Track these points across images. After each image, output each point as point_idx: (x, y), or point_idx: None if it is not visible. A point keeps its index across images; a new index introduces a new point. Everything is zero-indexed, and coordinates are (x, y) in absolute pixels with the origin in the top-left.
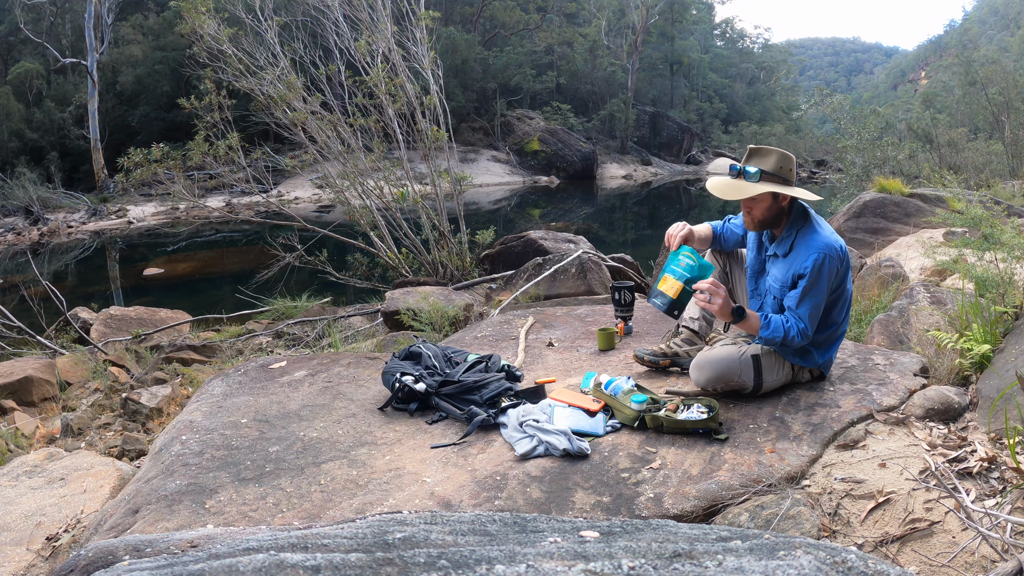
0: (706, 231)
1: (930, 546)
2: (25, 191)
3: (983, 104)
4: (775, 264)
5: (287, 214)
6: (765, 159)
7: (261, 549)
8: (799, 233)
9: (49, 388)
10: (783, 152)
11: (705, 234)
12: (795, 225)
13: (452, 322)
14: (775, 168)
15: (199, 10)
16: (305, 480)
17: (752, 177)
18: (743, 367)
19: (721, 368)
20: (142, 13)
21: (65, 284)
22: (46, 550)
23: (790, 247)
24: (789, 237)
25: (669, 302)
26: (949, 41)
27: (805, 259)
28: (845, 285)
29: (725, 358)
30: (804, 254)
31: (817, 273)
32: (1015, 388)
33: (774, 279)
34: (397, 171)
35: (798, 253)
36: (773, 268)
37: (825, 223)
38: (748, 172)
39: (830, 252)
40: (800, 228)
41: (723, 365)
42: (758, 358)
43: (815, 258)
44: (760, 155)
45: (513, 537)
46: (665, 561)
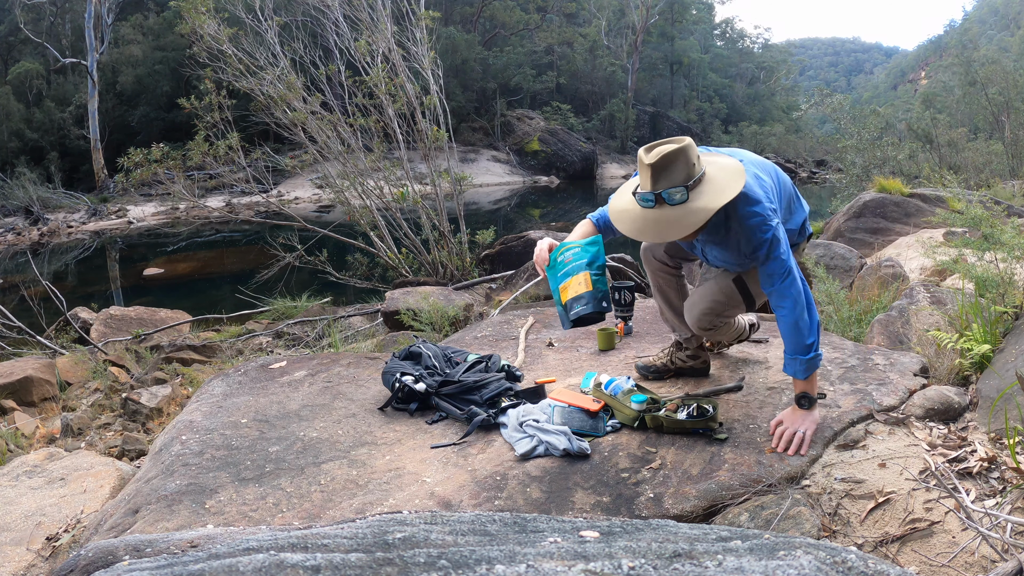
0: (581, 236)
1: (930, 546)
2: (25, 191)
3: (983, 104)
4: (710, 247)
5: (287, 214)
6: (675, 166)
7: (261, 549)
8: (728, 214)
9: (49, 388)
10: (681, 144)
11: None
12: (720, 209)
13: (452, 322)
14: (690, 170)
15: (199, 10)
16: (305, 480)
17: (677, 198)
18: (729, 291)
19: (709, 299)
20: (142, 13)
21: (65, 284)
22: (46, 550)
23: (724, 230)
24: (718, 224)
25: (590, 296)
26: (949, 41)
27: (752, 235)
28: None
29: (710, 290)
30: (748, 232)
31: (771, 242)
32: (1015, 388)
33: (716, 257)
34: (397, 171)
35: (737, 232)
36: (710, 249)
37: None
38: (668, 196)
39: (767, 226)
40: (727, 208)
41: (710, 295)
42: (740, 278)
43: (759, 237)
44: (665, 166)
45: (513, 537)
46: (665, 561)
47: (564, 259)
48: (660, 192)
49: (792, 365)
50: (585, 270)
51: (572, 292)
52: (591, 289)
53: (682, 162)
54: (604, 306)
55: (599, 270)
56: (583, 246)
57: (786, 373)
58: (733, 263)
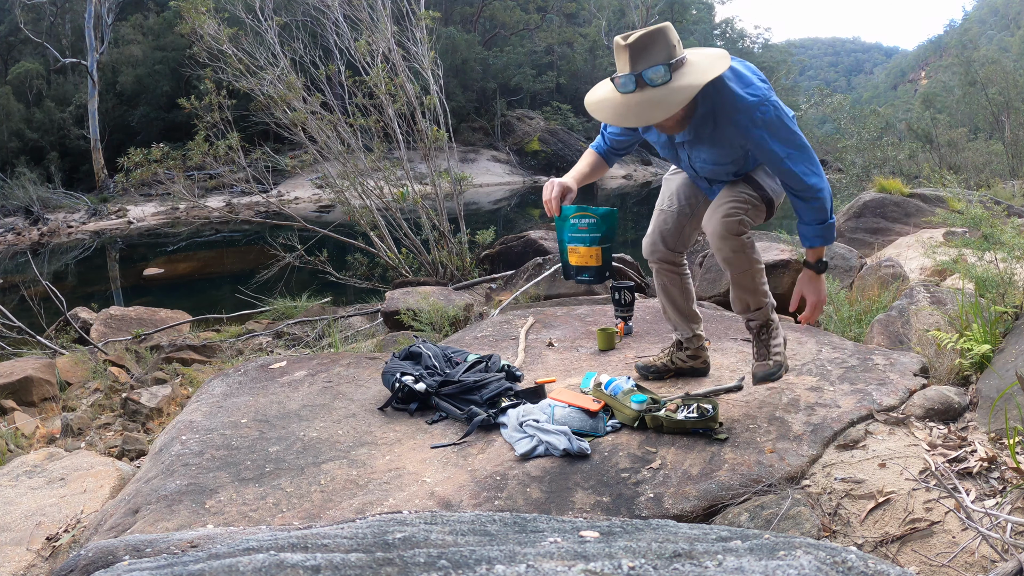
0: (587, 166)
1: (930, 546)
2: (25, 191)
3: (983, 104)
4: (698, 149)
5: (287, 214)
6: (655, 47)
7: (261, 549)
8: (715, 104)
9: (49, 388)
10: (660, 26)
11: (586, 171)
12: (707, 98)
13: (452, 322)
14: (670, 51)
15: (199, 10)
16: (305, 480)
17: (658, 79)
18: (743, 191)
19: (725, 204)
20: (142, 13)
21: (65, 284)
22: (46, 550)
23: (712, 123)
24: (706, 115)
25: (596, 271)
26: (949, 41)
27: (746, 130)
28: None
29: (723, 198)
30: (739, 125)
31: (773, 127)
32: (1015, 388)
33: (706, 162)
34: (397, 171)
35: (727, 126)
36: (697, 153)
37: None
38: (649, 77)
39: (765, 103)
40: (714, 97)
41: (725, 201)
42: (750, 177)
43: (759, 117)
44: (646, 46)
45: (513, 537)
46: (665, 561)
47: (578, 225)
48: (640, 72)
49: (814, 236)
50: (597, 245)
51: (580, 260)
52: (599, 264)
53: (662, 43)
54: (607, 276)
55: (609, 244)
56: (600, 217)
57: (808, 246)
58: (729, 165)
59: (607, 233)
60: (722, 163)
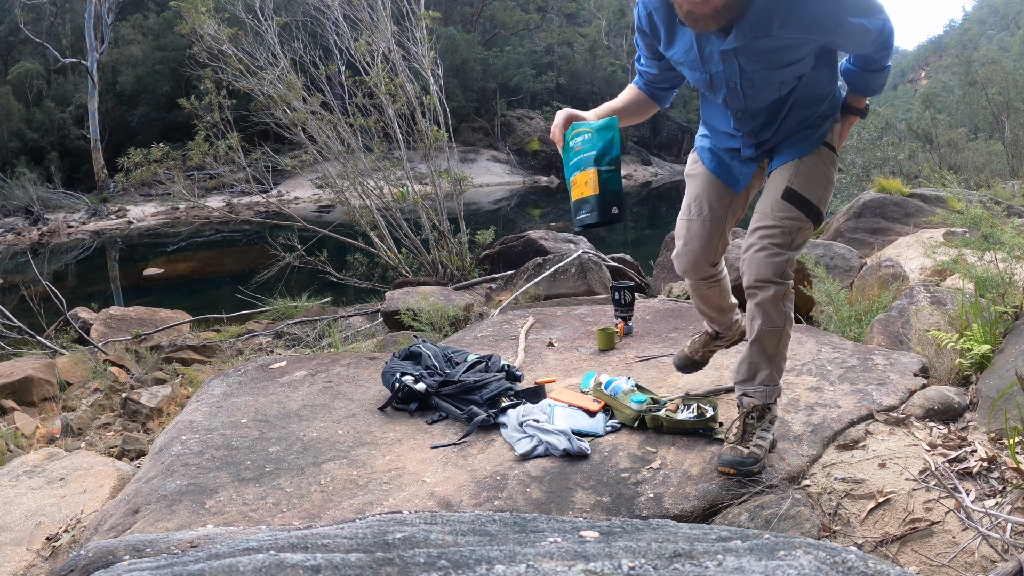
0: (620, 100)
1: (930, 546)
2: (25, 191)
3: (983, 104)
4: (752, 57)
5: (287, 214)
6: None
7: (261, 549)
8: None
9: (49, 388)
10: None
11: (617, 104)
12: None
13: (452, 322)
14: None
15: (199, 10)
16: (305, 480)
17: None
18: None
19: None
20: (142, 13)
21: (65, 284)
22: (46, 550)
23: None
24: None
25: (596, 202)
26: (949, 41)
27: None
28: None
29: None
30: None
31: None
32: (1015, 388)
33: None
34: (397, 171)
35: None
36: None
37: None
38: None
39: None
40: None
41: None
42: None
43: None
44: None
45: (513, 537)
46: (665, 561)
47: (574, 145)
48: None
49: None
50: (593, 166)
51: (578, 192)
52: (597, 192)
53: None
54: (614, 213)
55: (611, 165)
56: (596, 131)
57: (859, 95)
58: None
59: (605, 149)
60: (782, 66)
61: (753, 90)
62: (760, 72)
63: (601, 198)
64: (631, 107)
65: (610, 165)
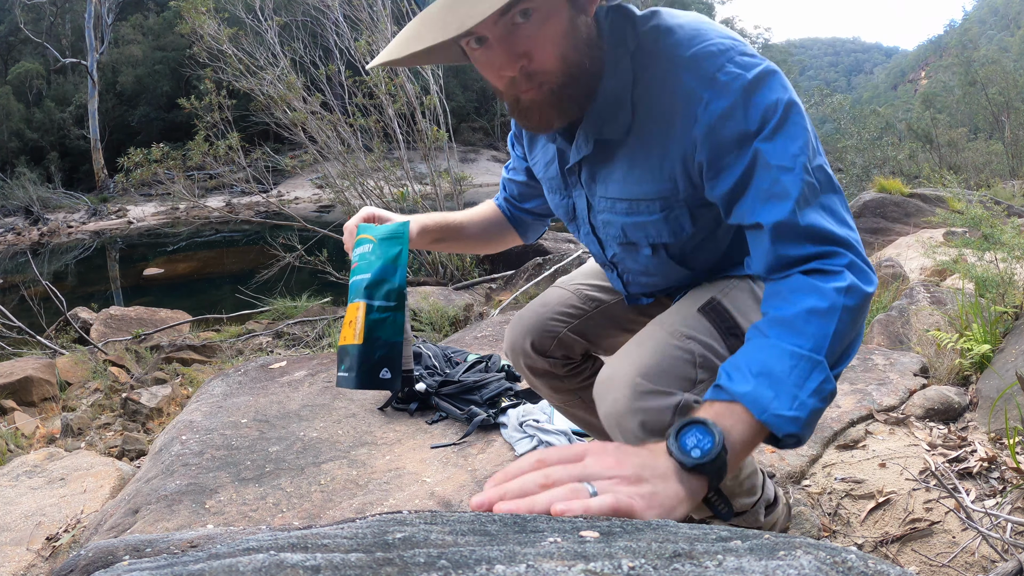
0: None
1: (930, 546)
2: (25, 191)
3: (983, 104)
4: (608, 169)
5: (287, 214)
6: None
7: (261, 549)
8: (644, 68)
9: (49, 388)
10: None
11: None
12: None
13: (452, 322)
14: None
15: (199, 10)
16: (305, 480)
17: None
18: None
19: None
20: (142, 13)
21: (65, 284)
22: (46, 550)
23: (631, 111)
24: (619, 92)
25: (357, 357)
26: (949, 41)
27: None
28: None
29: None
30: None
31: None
32: (1015, 388)
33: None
34: (397, 171)
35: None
36: (603, 188)
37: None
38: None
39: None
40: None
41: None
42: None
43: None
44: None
45: (513, 537)
46: (665, 561)
47: (353, 260)
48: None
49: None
50: (362, 298)
51: (343, 333)
52: (360, 343)
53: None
54: (383, 379)
55: (388, 299)
56: (378, 241)
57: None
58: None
59: (383, 272)
60: (643, 217)
61: (607, 237)
62: (606, 215)
63: (364, 352)
64: (477, 229)
65: (387, 300)
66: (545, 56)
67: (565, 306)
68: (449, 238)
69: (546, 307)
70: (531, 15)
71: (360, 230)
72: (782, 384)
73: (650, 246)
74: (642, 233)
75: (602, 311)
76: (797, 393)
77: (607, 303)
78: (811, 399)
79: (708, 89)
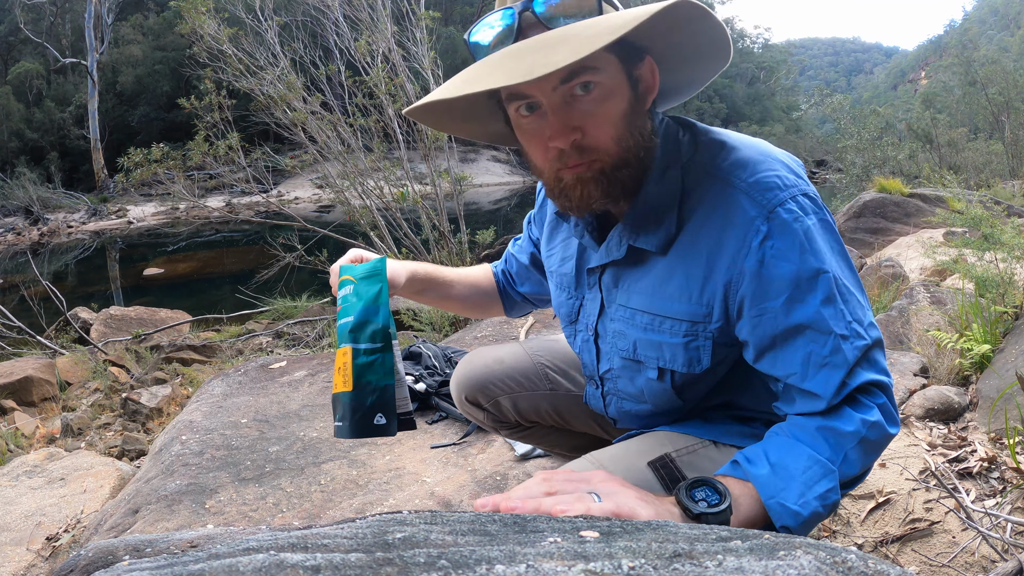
0: (451, 272)
1: (930, 546)
2: (25, 191)
3: (983, 104)
4: (636, 278)
5: (287, 214)
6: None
7: (261, 549)
8: (697, 183)
9: (49, 388)
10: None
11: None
12: (669, 164)
13: (452, 322)
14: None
15: (199, 10)
16: (305, 480)
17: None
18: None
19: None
20: (142, 13)
21: (65, 284)
22: (46, 550)
23: (676, 225)
24: (665, 201)
25: (349, 405)
26: (949, 41)
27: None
28: None
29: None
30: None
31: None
32: (1015, 388)
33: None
34: (397, 171)
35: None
36: (629, 289)
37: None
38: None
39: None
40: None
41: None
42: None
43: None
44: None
45: (513, 537)
46: (665, 561)
47: (339, 303)
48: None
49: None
50: (348, 342)
51: (335, 380)
52: (351, 389)
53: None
54: (378, 424)
55: (374, 340)
56: (358, 280)
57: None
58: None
59: (365, 313)
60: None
61: (610, 353)
62: (619, 324)
63: (356, 399)
64: (464, 290)
65: (373, 341)
66: (600, 133)
67: (518, 374)
68: (434, 291)
69: (500, 365)
70: (592, 89)
71: (342, 271)
72: (794, 479)
73: (658, 369)
74: (655, 353)
75: (553, 396)
76: (805, 492)
77: (562, 391)
78: (815, 501)
79: (767, 222)
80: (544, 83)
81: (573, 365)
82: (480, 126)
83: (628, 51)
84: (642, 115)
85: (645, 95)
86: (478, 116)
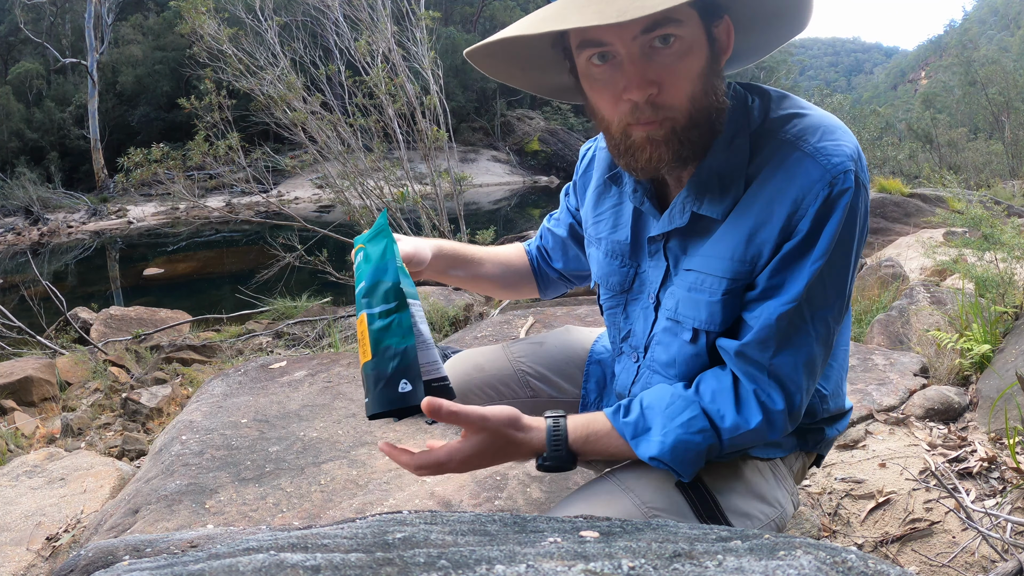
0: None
1: (930, 546)
2: (25, 191)
3: (983, 104)
4: (697, 244)
5: (287, 214)
6: None
7: (261, 549)
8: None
9: (49, 388)
10: None
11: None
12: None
13: (452, 322)
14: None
15: (199, 10)
16: (305, 480)
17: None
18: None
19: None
20: (142, 13)
21: (65, 284)
22: (46, 550)
23: (743, 188)
24: (733, 167)
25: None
26: (949, 41)
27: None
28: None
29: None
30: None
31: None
32: (1015, 388)
33: (698, 277)
34: (397, 171)
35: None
36: (692, 254)
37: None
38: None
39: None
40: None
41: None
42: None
43: (836, 191)
44: None
45: (513, 537)
46: (665, 561)
47: (355, 273)
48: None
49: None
50: (363, 309)
51: (359, 354)
52: (371, 358)
53: None
54: (403, 392)
55: (387, 301)
56: (367, 244)
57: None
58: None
59: (375, 274)
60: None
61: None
62: (674, 288)
63: (377, 367)
64: (495, 269)
65: (386, 301)
66: (676, 90)
67: (498, 382)
68: (462, 269)
69: (480, 372)
70: (672, 43)
71: (355, 243)
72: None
73: (692, 330)
74: (692, 313)
75: (534, 404)
76: (667, 423)
77: (543, 399)
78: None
79: (828, 187)
80: (625, 31)
81: (557, 370)
82: (541, 75)
83: (709, 8)
84: (718, 75)
85: (720, 55)
86: (540, 64)
